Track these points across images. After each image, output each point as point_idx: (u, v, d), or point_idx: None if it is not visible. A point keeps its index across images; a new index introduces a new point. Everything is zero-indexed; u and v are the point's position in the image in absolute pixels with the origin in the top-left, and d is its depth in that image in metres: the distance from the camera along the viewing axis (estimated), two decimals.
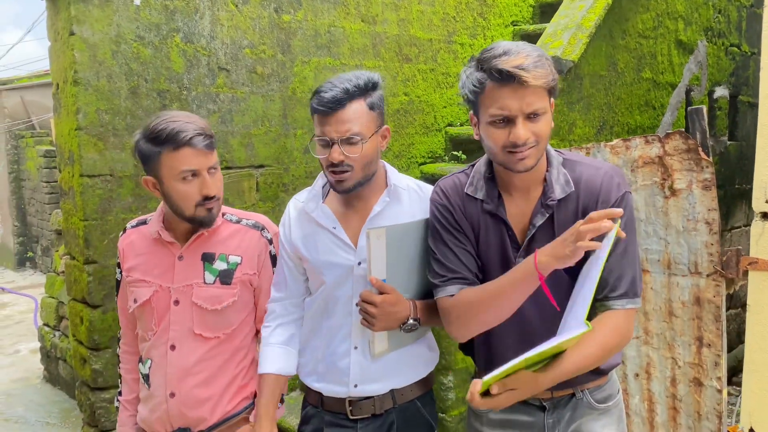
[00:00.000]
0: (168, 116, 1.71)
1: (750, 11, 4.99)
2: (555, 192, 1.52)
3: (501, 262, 1.58)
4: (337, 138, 1.63)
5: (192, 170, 1.69)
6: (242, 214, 1.91)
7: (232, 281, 1.81)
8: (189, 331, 1.81)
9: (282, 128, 3.79)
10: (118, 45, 3.13)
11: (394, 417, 1.79)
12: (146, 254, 1.85)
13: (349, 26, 4.07)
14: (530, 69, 1.38)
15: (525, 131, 1.42)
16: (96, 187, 3.11)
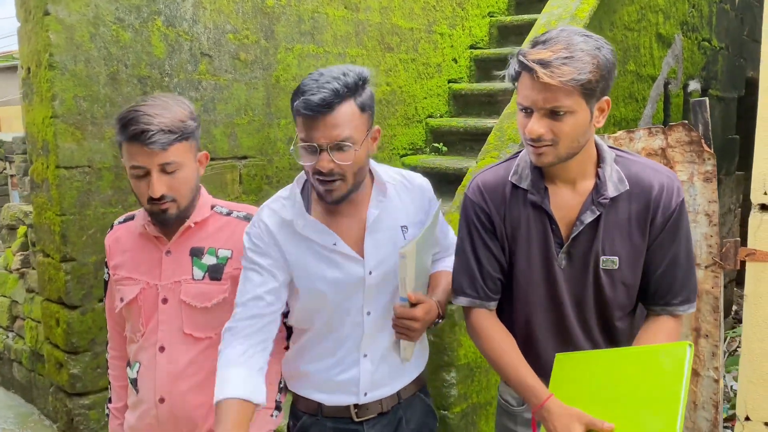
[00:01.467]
0: (141, 103, 1.59)
1: (719, 7, 5.10)
2: (608, 190, 1.46)
3: (542, 257, 1.53)
4: (326, 144, 1.44)
5: (139, 167, 1.56)
6: (233, 206, 1.78)
7: (222, 277, 1.69)
8: (178, 331, 1.68)
9: (266, 117, 3.65)
10: (96, 27, 2.92)
11: (401, 412, 1.72)
12: (132, 250, 1.73)
13: (332, 12, 3.94)
14: (551, 65, 1.32)
15: (538, 126, 1.37)
16: (73, 180, 2.90)
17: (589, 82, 1.34)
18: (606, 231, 1.47)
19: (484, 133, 4.19)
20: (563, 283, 1.52)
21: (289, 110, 3.74)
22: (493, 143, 3.11)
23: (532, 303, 1.56)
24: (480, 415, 2.98)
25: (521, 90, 1.40)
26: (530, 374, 1.49)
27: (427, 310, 1.59)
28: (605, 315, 1.55)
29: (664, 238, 1.48)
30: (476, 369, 2.93)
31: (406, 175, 1.72)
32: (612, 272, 1.49)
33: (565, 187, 1.51)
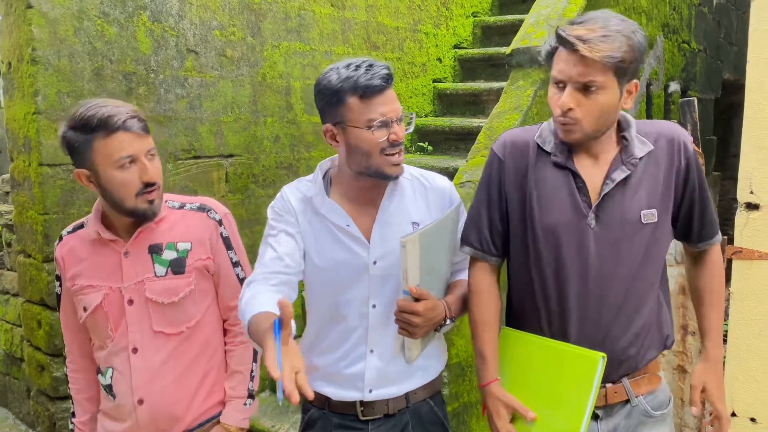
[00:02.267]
0: (94, 102, 1.57)
1: (698, 10, 5.19)
2: (635, 151, 1.52)
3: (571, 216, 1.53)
4: (395, 117, 1.56)
5: (130, 156, 1.55)
6: (185, 199, 1.77)
7: (185, 269, 1.68)
8: (149, 330, 1.66)
9: (252, 115, 3.60)
10: (80, 21, 2.85)
11: (408, 417, 1.70)
12: (89, 258, 1.68)
13: (318, 10, 3.91)
14: (590, 41, 1.39)
15: (569, 99, 1.43)
16: (57, 178, 2.83)
17: (623, 61, 1.40)
18: (642, 185, 1.53)
19: (469, 133, 4.21)
20: (594, 244, 1.52)
21: (275, 108, 3.72)
22: (483, 142, 3.11)
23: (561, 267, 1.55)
24: (471, 414, 2.98)
25: (557, 65, 1.46)
26: (491, 349, 1.61)
27: (431, 308, 1.57)
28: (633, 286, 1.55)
29: (690, 181, 1.57)
30: (467, 368, 2.93)
31: (427, 175, 1.75)
32: (651, 226, 1.53)
33: (588, 159, 1.56)
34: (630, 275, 1.53)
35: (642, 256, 1.54)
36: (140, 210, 1.60)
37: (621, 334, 1.55)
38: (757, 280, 2.69)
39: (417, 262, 1.54)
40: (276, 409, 3.44)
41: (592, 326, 1.54)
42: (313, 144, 3.95)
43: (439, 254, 1.66)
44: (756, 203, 2.68)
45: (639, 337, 1.57)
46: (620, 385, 1.57)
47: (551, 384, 1.55)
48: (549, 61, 1.51)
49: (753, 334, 2.70)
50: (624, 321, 1.55)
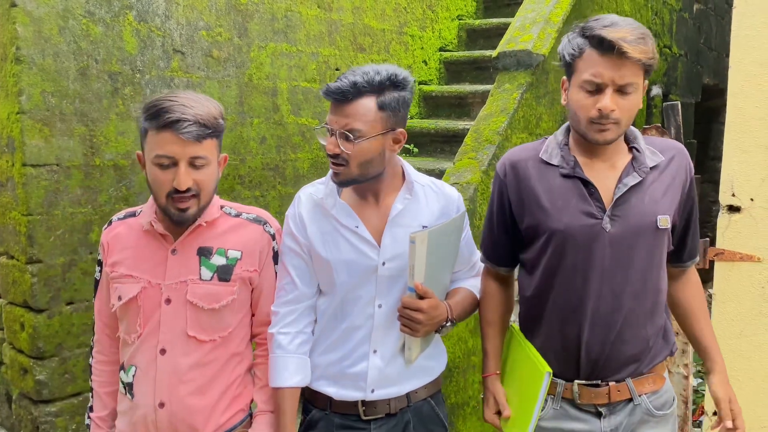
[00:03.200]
0: (176, 93, 1.56)
1: (679, 15, 5.26)
2: (647, 160, 1.56)
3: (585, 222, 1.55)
4: (336, 129, 1.57)
5: (168, 156, 1.52)
6: (242, 208, 1.75)
7: (231, 278, 1.65)
8: (181, 332, 1.62)
9: (238, 116, 3.59)
10: (65, 20, 2.82)
11: (409, 416, 1.73)
12: (135, 247, 1.66)
13: (305, 11, 3.91)
14: (632, 42, 1.42)
15: (612, 102, 1.45)
16: (41, 178, 2.80)
17: (653, 59, 1.46)
18: (655, 192, 1.56)
19: (455, 135, 4.23)
20: (609, 247, 1.55)
21: (262, 109, 3.72)
22: (470, 144, 3.14)
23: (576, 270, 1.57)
24: (458, 415, 3.00)
25: (588, 68, 1.46)
26: (492, 346, 1.75)
27: (434, 306, 1.62)
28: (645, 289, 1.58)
29: (693, 200, 1.63)
30: (454, 369, 2.95)
31: (437, 182, 1.79)
32: (664, 232, 1.57)
33: (600, 163, 1.59)
34: (643, 279, 1.56)
35: (654, 262, 1.57)
36: (170, 212, 1.58)
37: (631, 338, 1.57)
38: (738, 281, 2.73)
39: (424, 260, 1.57)
40: None
41: (604, 329, 1.56)
42: (299, 145, 3.94)
43: (443, 259, 1.68)
44: (737, 206, 2.73)
45: (648, 341, 1.59)
46: (624, 384, 1.59)
47: (523, 385, 1.64)
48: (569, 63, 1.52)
49: (734, 334, 2.75)
50: (636, 325, 1.57)
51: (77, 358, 2.97)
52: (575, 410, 1.61)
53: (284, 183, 3.84)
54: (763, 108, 2.64)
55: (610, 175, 1.57)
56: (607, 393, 1.58)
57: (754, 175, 2.69)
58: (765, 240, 2.66)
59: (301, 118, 3.92)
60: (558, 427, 1.62)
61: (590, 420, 1.61)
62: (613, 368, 1.58)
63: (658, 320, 1.61)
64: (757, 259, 2.69)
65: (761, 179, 2.68)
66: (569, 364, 1.60)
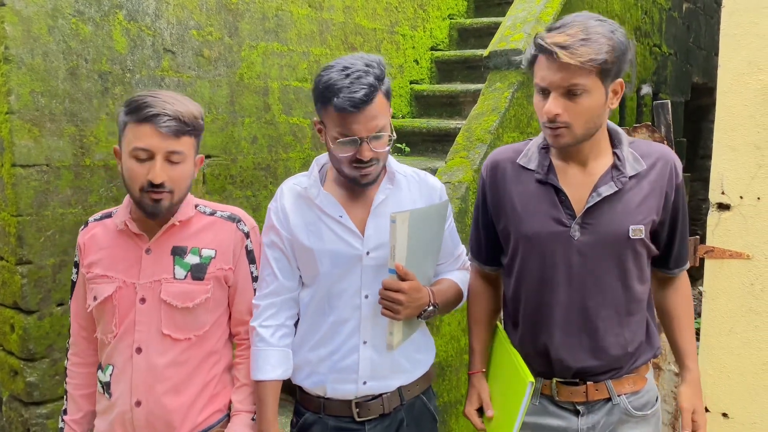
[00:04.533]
0: (157, 91, 1.60)
1: (668, 14, 5.29)
2: (627, 169, 1.53)
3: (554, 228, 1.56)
4: (367, 136, 1.55)
5: (145, 149, 1.54)
6: (216, 206, 1.76)
7: (205, 276, 1.66)
8: (156, 331, 1.64)
9: (229, 116, 3.58)
10: (55, 19, 2.80)
11: (402, 414, 1.73)
12: (110, 247, 1.67)
13: (296, 11, 3.90)
14: (570, 46, 1.40)
15: (555, 106, 1.44)
16: (30, 179, 2.78)
17: (605, 62, 1.41)
18: (631, 202, 1.54)
19: (446, 134, 4.24)
20: (577, 255, 1.55)
21: (253, 109, 3.70)
22: (461, 143, 3.14)
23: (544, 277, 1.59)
24: (450, 414, 3.00)
25: (538, 72, 1.47)
26: (479, 344, 1.77)
27: (416, 288, 1.61)
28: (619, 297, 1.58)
29: (678, 207, 1.60)
30: (447, 368, 2.95)
31: (420, 173, 1.79)
32: (638, 242, 1.55)
33: (576, 167, 1.57)
34: (616, 288, 1.55)
35: (628, 270, 1.56)
36: (144, 204, 1.59)
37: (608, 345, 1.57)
38: (728, 278, 2.75)
39: (405, 241, 1.56)
40: None
41: (576, 337, 1.57)
42: (291, 145, 3.93)
43: (426, 245, 1.68)
44: (727, 203, 2.75)
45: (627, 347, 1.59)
46: (602, 384, 1.59)
47: (506, 387, 1.65)
48: (531, 68, 1.52)
49: (724, 331, 2.77)
50: (612, 333, 1.57)
51: None
52: (554, 407, 1.62)
53: (276, 183, 3.83)
54: (751, 106, 2.66)
55: (585, 181, 1.55)
56: (584, 392, 1.58)
57: (743, 173, 2.71)
58: (754, 237, 2.68)
59: (292, 117, 3.91)
60: (536, 423, 1.63)
61: (568, 417, 1.61)
62: (589, 372, 1.59)
63: (637, 325, 1.61)
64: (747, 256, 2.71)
65: (750, 177, 2.70)
66: (546, 365, 1.61)
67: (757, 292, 2.69)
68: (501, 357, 1.72)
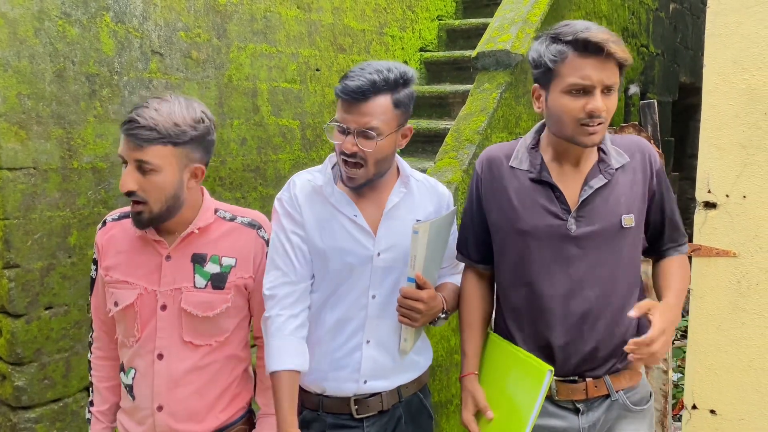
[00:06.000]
0: (156, 96, 1.58)
1: (655, 15, 5.33)
2: (612, 162, 1.59)
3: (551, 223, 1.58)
4: (354, 129, 1.57)
5: (121, 156, 1.55)
6: (237, 211, 1.73)
7: (225, 286, 1.64)
8: (178, 338, 1.63)
9: (218, 118, 3.57)
10: (41, 22, 2.79)
11: (401, 411, 1.75)
12: (129, 252, 1.65)
13: (284, 12, 3.90)
14: (616, 43, 1.45)
15: (602, 104, 1.47)
16: (17, 182, 2.76)
17: (631, 60, 1.50)
18: (620, 193, 1.58)
19: (436, 135, 4.24)
20: (574, 248, 1.57)
21: (242, 110, 3.70)
22: (450, 144, 3.15)
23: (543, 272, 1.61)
24: (441, 414, 3.01)
25: (578, 70, 1.46)
26: (472, 347, 1.73)
27: (433, 297, 1.65)
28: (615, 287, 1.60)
29: (662, 190, 1.65)
30: (437, 368, 2.96)
31: (430, 180, 1.82)
32: (630, 230, 1.59)
33: (569, 165, 1.61)
34: (612, 278, 1.58)
35: (622, 260, 1.59)
36: (131, 214, 1.59)
37: (606, 336, 1.59)
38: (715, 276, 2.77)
39: (424, 251, 1.60)
40: None
41: (576, 329, 1.59)
42: (280, 146, 3.93)
43: (436, 252, 1.72)
44: (713, 202, 2.77)
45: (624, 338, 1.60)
46: (601, 380, 1.61)
47: (509, 387, 1.63)
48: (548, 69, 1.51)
49: (712, 329, 2.79)
50: (609, 323, 1.59)
51: (56, 364, 2.94)
52: (553, 407, 1.63)
53: (265, 184, 3.83)
54: (736, 105, 2.68)
55: (576, 177, 1.60)
56: (584, 389, 1.60)
57: (729, 172, 2.73)
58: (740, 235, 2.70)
59: (281, 119, 3.91)
60: (537, 424, 1.62)
61: (568, 417, 1.62)
62: (589, 365, 1.60)
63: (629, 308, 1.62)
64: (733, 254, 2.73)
65: (736, 175, 2.72)
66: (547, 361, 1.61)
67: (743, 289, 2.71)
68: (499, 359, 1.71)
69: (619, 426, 1.64)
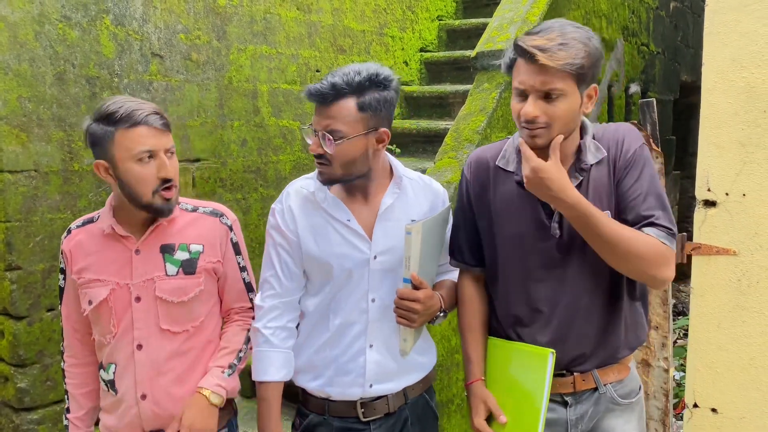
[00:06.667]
0: (120, 98, 1.62)
1: (656, 13, 5.33)
2: (587, 158, 1.56)
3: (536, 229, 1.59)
4: (319, 131, 1.61)
5: (148, 150, 1.58)
6: (197, 203, 1.80)
7: (196, 270, 1.71)
8: (155, 327, 1.68)
9: (218, 119, 3.58)
10: (41, 25, 2.80)
11: (407, 413, 1.76)
12: (98, 252, 1.70)
13: (284, 14, 3.91)
14: (549, 49, 1.43)
15: (533, 108, 1.47)
16: (19, 184, 2.77)
17: (581, 67, 1.45)
18: (594, 190, 1.56)
19: (436, 135, 4.25)
20: (560, 253, 1.57)
21: (242, 112, 3.71)
22: (450, 144, 3.15)
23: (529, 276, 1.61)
24: (442, 414, 3.01)
25: (517, 75, 1.49)
26: (475, 352, 1.70)
27: (430, 296, 1.65)
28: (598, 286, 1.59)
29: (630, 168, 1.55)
30: (438, 368, 2.96)
31: (425, 178, 1.82)
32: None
33: None
34: (595, 277, 1.58)
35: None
36: (156, 206, 1.63)
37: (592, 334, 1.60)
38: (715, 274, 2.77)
39: (418, 251, 1.60)
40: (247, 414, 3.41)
41: (562, 330, 1.60)
42: (280, 147, 3.94)
43: (431, 250, 1.72)
44: (713, 200, 2.77)
45: (610, 335, 1.61)
46: (589, 374, 1.62)
47: (516, 383, 1.63)
48: (509, 72, 1.55)
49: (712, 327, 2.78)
50: (595, 322, 1.60)
51: (59, 365, 2.94)
52: None
53: (266, 185, 3.84)
54: (735, 104, 2.68)
55: None
56: (572, 382, 1.62)
57: (728, 170, 2.72)
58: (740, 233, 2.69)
59: (282, 120, 3.92)
60: None
61: (557, 409, 1.64)
62: (577, 362, 1.62)
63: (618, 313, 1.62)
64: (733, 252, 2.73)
65: (735, 173, 2.72)
66: None
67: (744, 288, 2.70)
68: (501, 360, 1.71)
69: (607, 419, 1.65)
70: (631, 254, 1.47)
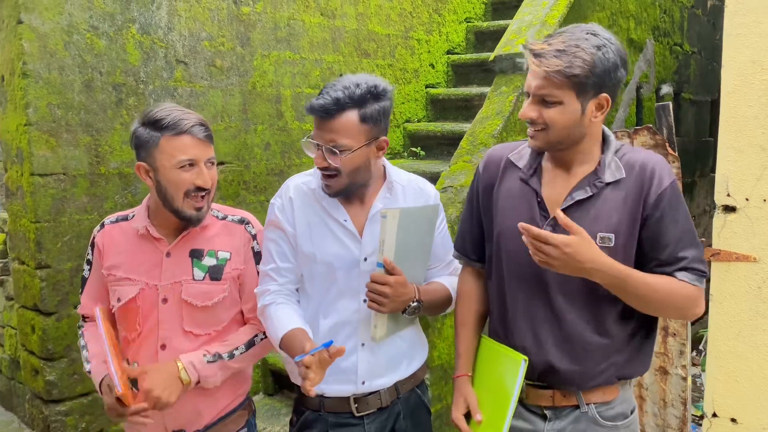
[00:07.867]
0: (168, 105, 1.69)
1: (690, 12, 5.19)
2: (605, 175, 1.52)
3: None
4: (323, 145, 1.62)
5: (190, 159, 1.65)
6: (228, 210, 1.86)
7: (222, 277, 1.76)
8: (179, 329, 1.74)
9: (242, 124, 3.67)
10: (70, 35, 2.93)
11: (399, 407, 1.80)
12: (130, 251, 1.77)
13: (308, 20, 3.98)
14: (542, 55, 1.42)
15: (529, 110, 1.49)
16: (48, 187, 2.92)
17: (576, 76, 1.41)
18: (604, 209, 1.51)
19: (461, 137, 4.25)
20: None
21: (265, 116, 3.80)
22: (465, 147, 3.16)
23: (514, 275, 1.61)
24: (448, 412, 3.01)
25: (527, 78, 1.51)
26: (465, 346, 1.73)
27: (402, 283, 1.64)
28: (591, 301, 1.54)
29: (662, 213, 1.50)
30: (450, 370, 2.97)
31: (419, 181, 1.85)
32: (606, 249, 1.47)
33: (560, 171, 1.58)
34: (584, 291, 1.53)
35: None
36: (185, 213, 1.69)
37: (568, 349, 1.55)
38: (734, 281, 2.70)
39: (394, 237, 1.61)
40: (268, 411, 3.50)
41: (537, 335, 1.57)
42: (303, 150, 4.01)
43: (415, 246, 1.72)
44: (732, 206, 2.70)
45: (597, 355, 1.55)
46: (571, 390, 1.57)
47: (494, 384, 1.65)
48: None
49: (732, 335, 2.72)
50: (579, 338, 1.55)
51: None
52: (523, 409, 1.62)
53: None
54: (756, 107, 2.61)
55: (566, 185, 1.55)
56: (551, 396, 1.58)
57: (749, 175, 2.65)
58: (761, 240, 2.63)
59: (305, 123, 3.99)
60: None
61: (535, 421, 1.61)
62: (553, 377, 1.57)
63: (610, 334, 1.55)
64: (754, 259, 2.66)
65: (756, 178, 2.65)
66: None
67: (764, 295, 2.63)
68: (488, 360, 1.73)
69: None
70: (665, 305, 1.51)
